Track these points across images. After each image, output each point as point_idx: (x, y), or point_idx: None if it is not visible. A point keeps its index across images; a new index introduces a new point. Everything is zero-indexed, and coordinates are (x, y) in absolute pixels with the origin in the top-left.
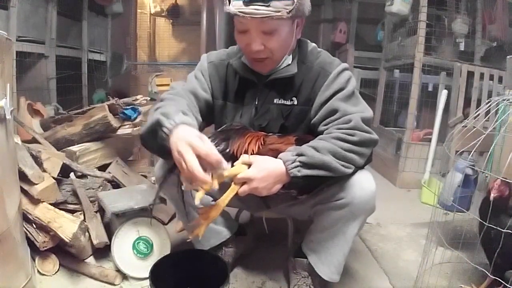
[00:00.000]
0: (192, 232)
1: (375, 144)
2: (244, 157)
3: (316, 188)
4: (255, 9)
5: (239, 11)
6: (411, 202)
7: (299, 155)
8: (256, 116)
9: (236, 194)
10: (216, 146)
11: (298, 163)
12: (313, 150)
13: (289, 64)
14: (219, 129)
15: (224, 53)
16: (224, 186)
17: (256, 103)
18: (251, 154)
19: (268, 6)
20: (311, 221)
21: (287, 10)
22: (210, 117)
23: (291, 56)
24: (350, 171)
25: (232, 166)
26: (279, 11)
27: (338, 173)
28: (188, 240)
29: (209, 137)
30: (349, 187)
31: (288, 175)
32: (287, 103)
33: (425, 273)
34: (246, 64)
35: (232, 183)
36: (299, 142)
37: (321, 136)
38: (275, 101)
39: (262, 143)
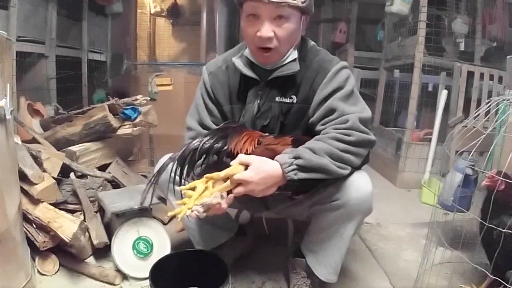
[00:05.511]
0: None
1: (372, 145)
2: (241, 157)
3: (311, 189)
4: None
5: None
6: (411, 202)
7: (296, 158)
8: (258, 114)
9: (230, 191)
10: (215, 144)
11: (295, 166)
12: (310, 152)
13: (292, 60)
14: (217, 128)
15: (220, 59)
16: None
17: (259, 101)
18: (247, 153)
19: None
20: (310, 221)
21: (302, 0)
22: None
23: (296, 51)
24: (346, 172)
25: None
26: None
27: (334, 175)
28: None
29: (207, 135)
30: (344, 188)
31: (285, 178)
32: (286, 101)
33: (425, 273)
34: (248, 61)
35: (228, 180)
36: (296, 143)
37: (317, 136)
38: (276, 99)
39: (257, 144)
